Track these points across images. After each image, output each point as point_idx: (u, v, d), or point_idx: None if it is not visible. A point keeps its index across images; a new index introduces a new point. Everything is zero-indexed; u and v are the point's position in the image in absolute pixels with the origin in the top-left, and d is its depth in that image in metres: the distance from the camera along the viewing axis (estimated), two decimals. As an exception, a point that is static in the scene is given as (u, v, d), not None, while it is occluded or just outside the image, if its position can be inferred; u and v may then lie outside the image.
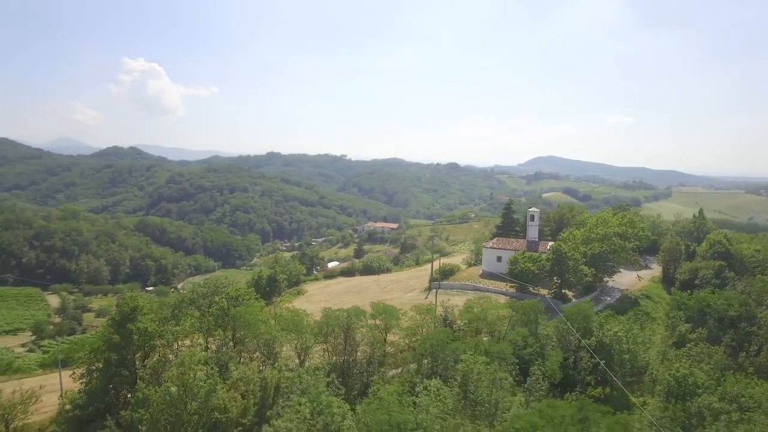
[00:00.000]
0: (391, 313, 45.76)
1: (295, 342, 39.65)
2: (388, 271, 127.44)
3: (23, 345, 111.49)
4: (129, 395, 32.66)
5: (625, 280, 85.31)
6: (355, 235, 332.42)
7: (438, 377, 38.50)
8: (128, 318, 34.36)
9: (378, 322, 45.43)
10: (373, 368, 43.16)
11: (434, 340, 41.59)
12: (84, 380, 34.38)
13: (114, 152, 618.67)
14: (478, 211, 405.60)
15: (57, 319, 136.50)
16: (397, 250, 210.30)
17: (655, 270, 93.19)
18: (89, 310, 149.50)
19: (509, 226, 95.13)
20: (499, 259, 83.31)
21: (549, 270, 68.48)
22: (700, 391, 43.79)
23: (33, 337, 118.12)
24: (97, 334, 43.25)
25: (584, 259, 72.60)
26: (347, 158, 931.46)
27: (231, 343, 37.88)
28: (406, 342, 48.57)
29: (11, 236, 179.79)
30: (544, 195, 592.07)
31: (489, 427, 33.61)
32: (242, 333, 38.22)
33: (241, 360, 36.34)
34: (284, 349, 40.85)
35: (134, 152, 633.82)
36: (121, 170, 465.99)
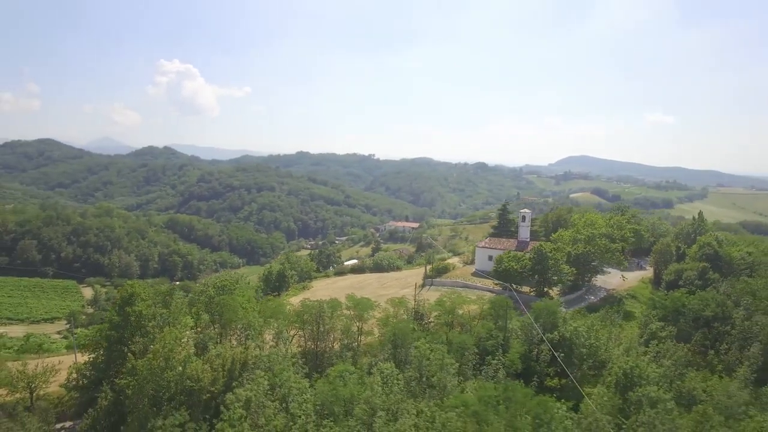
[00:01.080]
0: (364, 305, 50.87)
1: (271, 327, 45.28)
2: (398, 269, 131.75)
3: (59, 332, 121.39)
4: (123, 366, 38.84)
5: (615, 280, 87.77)
6: (377, 234, 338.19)
7: (393, 361, 43.42)
8: (127, 302, 40.58)
9: (351, 312, 50.60)
10: (345, 354, 48.34)
11: (396, 330, 46.50)
12: (91, 355, 40.88)
13: (149, 152, 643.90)
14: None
15: (90, 310, 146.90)
16: (413, 249, 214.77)
17: (649, 271, 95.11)
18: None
19: (505, 226, 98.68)
20: (490, 258, 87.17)
21: (530, 269, 72.14)
22: (644, 382, 47.28)
23: (67, 326, 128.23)
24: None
25: (568, 259, 75.92)
26: (375, 158, 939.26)
27: (215, 326, 43.77)
28: (381, 332, 53.55)
29: (51, 232, 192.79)
30: (572, 195, 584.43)
31: (436, 406, 38.31)
32: (225, 318, 44.03)
33: (221, 341, 42.11)
34: (266, 333, 46.52)
35: (168, 152, 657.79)
36: (155, 169, 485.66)
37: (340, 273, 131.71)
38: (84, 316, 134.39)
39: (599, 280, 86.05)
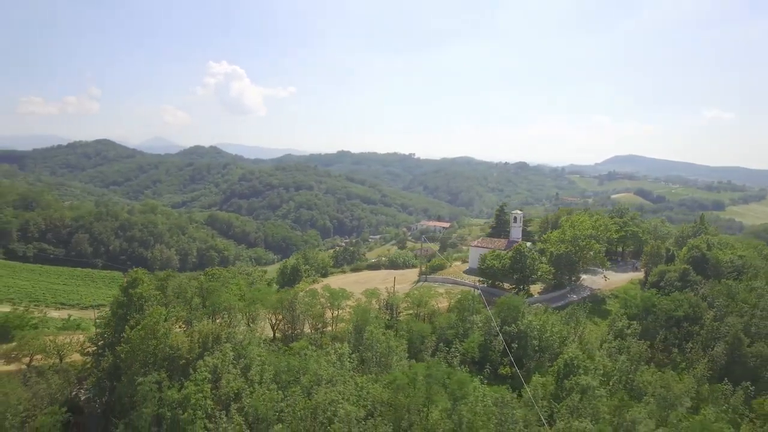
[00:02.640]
0: (337, 295, 58.04)
1: (252, 311, 53.33)
2: (413, 266, 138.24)
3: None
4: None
5: (602, 281, 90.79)
6: (408, 233, 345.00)
7: (354, 343, 50.44)
8: (131, 286, 49.35)
9: (323, 300, 57.92)
10: (315, 337, 55.59)
11: (359, 317, 53.42)
12: (101, 329, 49.96)
13: (196, 151, 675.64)
14: (542, 212, 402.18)
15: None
16: (437, 248, 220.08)
17: (641, 273, 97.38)
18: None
19: (501, 227, 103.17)
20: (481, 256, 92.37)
21: (509, 267, 77.14)
22: (581, 371, 52.24)
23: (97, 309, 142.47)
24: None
25: (550, 259, 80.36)
26: (415, 157, 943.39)
27: (202, 308, 52.12)
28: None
29: (102, 227, 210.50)
30: (613, 196, 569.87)
31: (372, 380, 45.06)
32: (210, 301, 52.24)
33: (209, 320, 50.22)
34: (246, 315, 54.62)
35: (214, 151, 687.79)
36: (200, 168, 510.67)
37: (356, 269, 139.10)
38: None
39: (588, 280, 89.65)
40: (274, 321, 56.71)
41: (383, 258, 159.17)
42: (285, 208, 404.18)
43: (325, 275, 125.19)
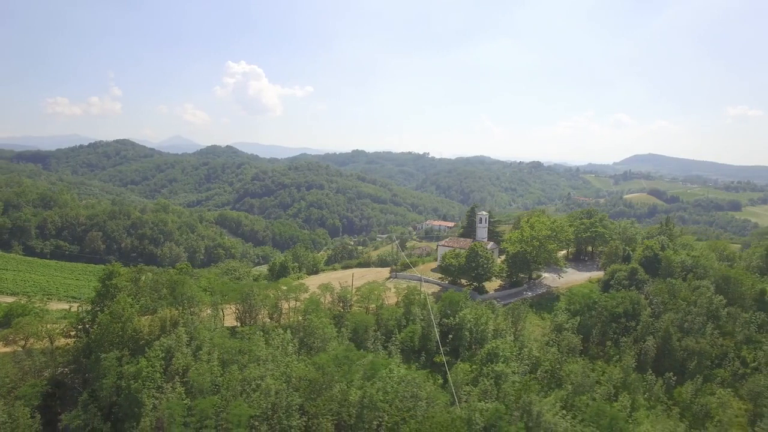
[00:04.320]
0: (293, 289, 65.34)
1: (209, 301, 61.13)
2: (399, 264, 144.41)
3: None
4: (96, 321, 55.71)
5: (563, 279, 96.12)
6: (414, 232, 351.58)
7: (295, 331, 57.69)
8: (108, 277, 57.41)
9: (279, 293, 65.28)
10: (267, 323, 62.87)
11: (307, 307, 60.61)
12: (81, 315, 58.16)
13: (212, 150, 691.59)
14: (553, 211, 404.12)
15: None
16: (434, 246, 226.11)
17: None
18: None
19: (472, 227, 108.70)
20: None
21: (465, 265, 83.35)
22: (501, 360, 58.63)
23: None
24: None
25: (507, 258, 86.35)
26: (430, 156, 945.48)
27: (171, 297, 59.97)
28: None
29: (114, 225, 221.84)
30: (626, 196, 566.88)
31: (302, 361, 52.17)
32: (177, 292, 59.98)
33: (168, 308, 57.92)
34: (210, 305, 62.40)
35: (230, 150, 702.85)
36: (215, 167, 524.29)
37: (347, 267, 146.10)
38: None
39: (549, 278, 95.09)
40: (234, 310, 64.34)
41: (375, 256, 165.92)
42: (296, 207, 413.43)
43: (315, 272, 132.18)
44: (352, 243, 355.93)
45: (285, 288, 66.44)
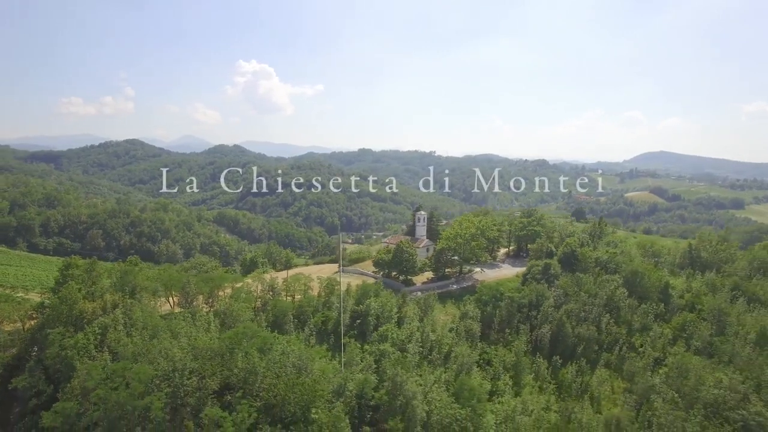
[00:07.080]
0: (223, 278, 76.45)
1: (152, 288, 72.45)
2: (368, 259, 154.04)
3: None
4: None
5: (492, 274, 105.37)
6: (406, 230, 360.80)
7: (219, 314, 68.61)
8: (66, 268, 69.08)
9: (213, 282, 76.32)
10: (202, 308, 73.84)
11: (235, 295, 71.55)
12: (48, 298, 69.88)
13: (220, 150, 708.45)
14: (553, 210, 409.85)
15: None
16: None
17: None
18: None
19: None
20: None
21: (391, 260, 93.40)
22: (389, 341, 68.80)
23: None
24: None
25: (434, 254, 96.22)
26: (436, 154, 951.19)
27: (119, 285, 71.37)
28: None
29: (114, 223, 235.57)
30: (627, 195, 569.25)
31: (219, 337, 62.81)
32: (125, 280, 71.34)
33: (115, 293, 69.35)
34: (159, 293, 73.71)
35: (237, 150, 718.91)
36: (221, 167, 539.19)
37: (319, 263, 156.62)
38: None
39: (479, 273, 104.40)
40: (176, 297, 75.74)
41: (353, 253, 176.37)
42: (296, 206, 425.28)
43: (288, 267, 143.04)
44: (350, 240, 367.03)
45: (218, 278, 77.43)
